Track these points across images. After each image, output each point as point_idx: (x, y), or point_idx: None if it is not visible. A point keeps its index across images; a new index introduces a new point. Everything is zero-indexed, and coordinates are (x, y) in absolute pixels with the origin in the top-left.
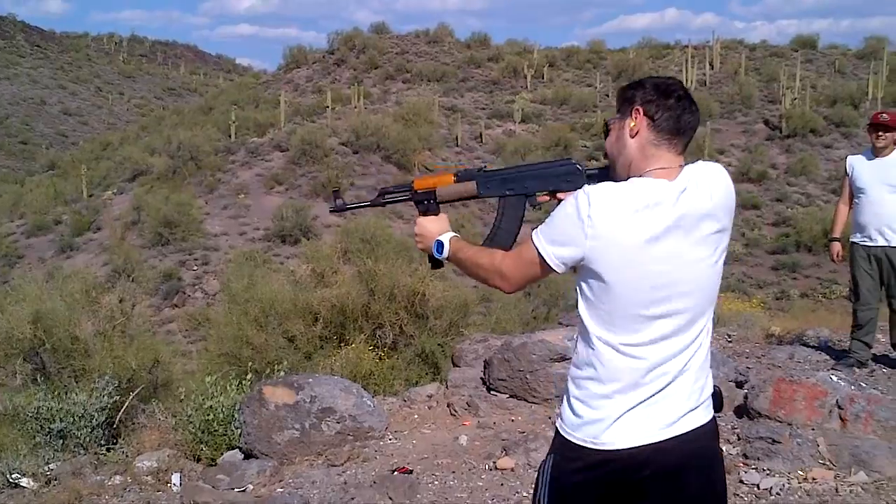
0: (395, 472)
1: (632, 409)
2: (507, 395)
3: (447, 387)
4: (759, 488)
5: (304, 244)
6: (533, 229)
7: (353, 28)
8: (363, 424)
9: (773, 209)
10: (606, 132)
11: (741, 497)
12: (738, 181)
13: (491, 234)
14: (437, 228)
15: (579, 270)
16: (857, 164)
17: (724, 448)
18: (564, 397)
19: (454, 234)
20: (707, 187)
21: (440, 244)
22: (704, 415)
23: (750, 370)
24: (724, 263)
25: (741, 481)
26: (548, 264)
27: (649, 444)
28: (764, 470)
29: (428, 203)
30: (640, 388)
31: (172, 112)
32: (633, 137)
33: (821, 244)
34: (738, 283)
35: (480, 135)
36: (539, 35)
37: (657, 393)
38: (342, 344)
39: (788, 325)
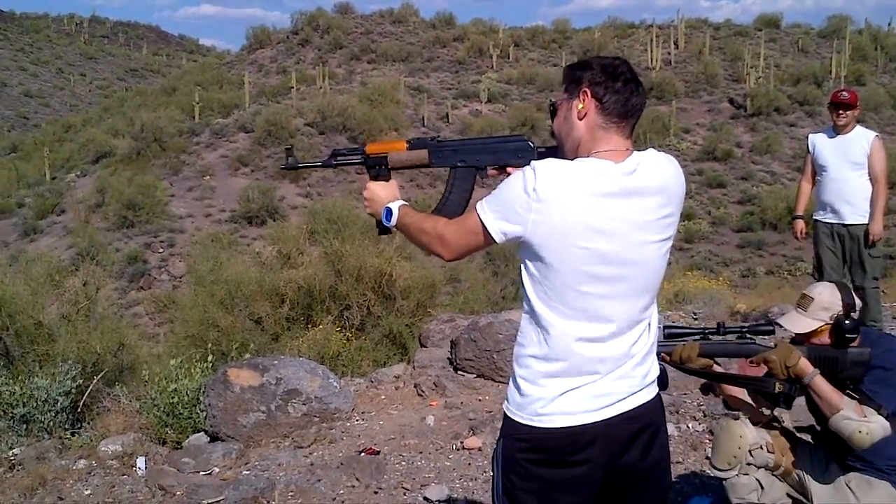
0: (362, 453)
1: (577, 388)
2: (474, 375)
3: (414, 367)
4: None
5: (271, 225)
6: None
7: (316, 8)
8: (329, 406)
9: (739, 187)
10: (553, 112)
11: (708, 472)
12: (704, 160)
13: (440, 204)
14: (387, 194)
15: (523, 246)
16: (819, 142)
17: (689, 426)
18: (511, 378)
19: (403, 201)
20: (658, 171)
21: (389, 211)
22: (648, 394)
23: None
24: (679, 248)
25: (707, 458)
26: (490, 234)
27: (595, 422)
28: None
29: (379, 168)
30: (583, 367)
31: (135, 93)
32: (580, 119)
33: (785, 222)
34: (705, 262)
35: (447, 115)
36: (504, 14)
37: (601, 373)
38: (309, 325)
39: (754, 302)
